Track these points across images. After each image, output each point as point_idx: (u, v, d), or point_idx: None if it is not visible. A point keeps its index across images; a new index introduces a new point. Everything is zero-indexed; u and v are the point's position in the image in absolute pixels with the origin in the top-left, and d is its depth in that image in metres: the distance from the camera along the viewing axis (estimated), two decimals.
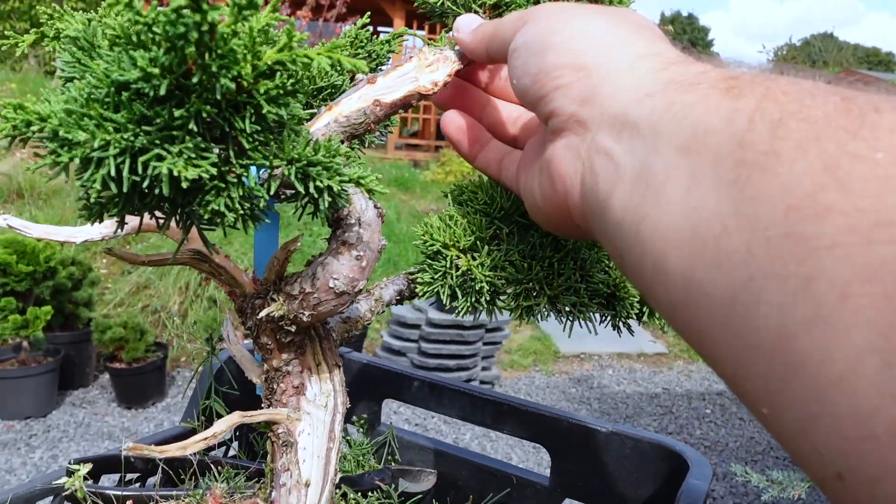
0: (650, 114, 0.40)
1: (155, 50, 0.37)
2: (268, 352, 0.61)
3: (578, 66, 0.46)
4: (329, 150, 0.46)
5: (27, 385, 3.75)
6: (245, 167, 0.43)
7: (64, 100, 0.40)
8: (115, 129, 0.39)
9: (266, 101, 0.41)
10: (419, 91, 0.60)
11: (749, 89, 0.35)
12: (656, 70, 0.42)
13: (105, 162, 0.39)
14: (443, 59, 0.61)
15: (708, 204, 0.34)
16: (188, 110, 0.39)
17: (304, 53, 0.41)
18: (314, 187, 0.45)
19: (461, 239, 0.67)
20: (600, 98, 0.44)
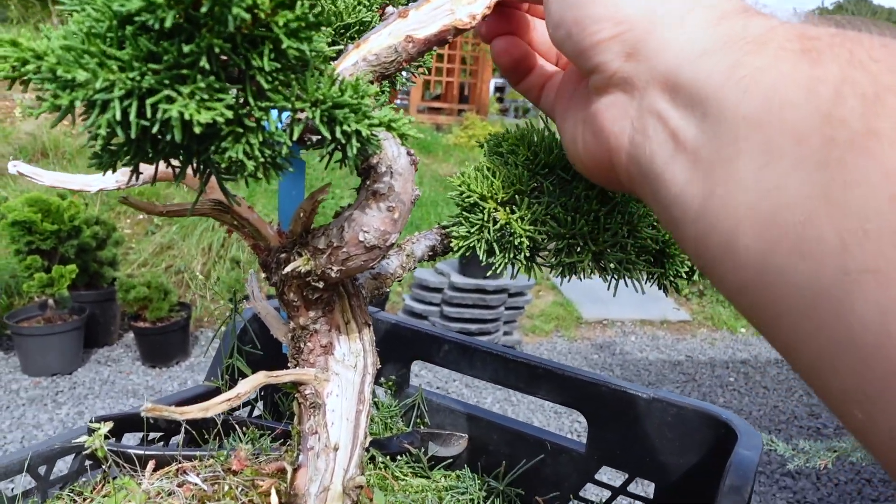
0: (709, 76, 0.35)
1: None
2: (294, 309, 0.57)
3: (620, 19, 0.41)
4: (357, 91, 0.42)
5: (53, 342, 3.79)
6: (264, 110, 0.39)
7: (62, 35, 0.36)
8: (120, 68, 0.35)
9: (286, 34, 0.37)
10: (455, 25, 0.55)
11: (829, 53, 0.31)
12: (712, 23, 0.37)
13: (110, 105, 0.35)
14: None
15: (790, 186, 0.30)
16: (199, 45, 0.35)
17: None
18: (341, 132, 0.41)
19: (500, 191, 0.63)
20: (647, 53, 0.40)
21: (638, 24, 0.40)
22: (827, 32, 0.32)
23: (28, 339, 3.77)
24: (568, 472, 0.77)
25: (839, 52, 0.30)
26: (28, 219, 3.79)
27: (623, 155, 0.43)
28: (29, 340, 3.77)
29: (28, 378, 3.74)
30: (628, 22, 0.40)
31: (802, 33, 0.33)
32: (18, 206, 3.83)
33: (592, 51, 0.43)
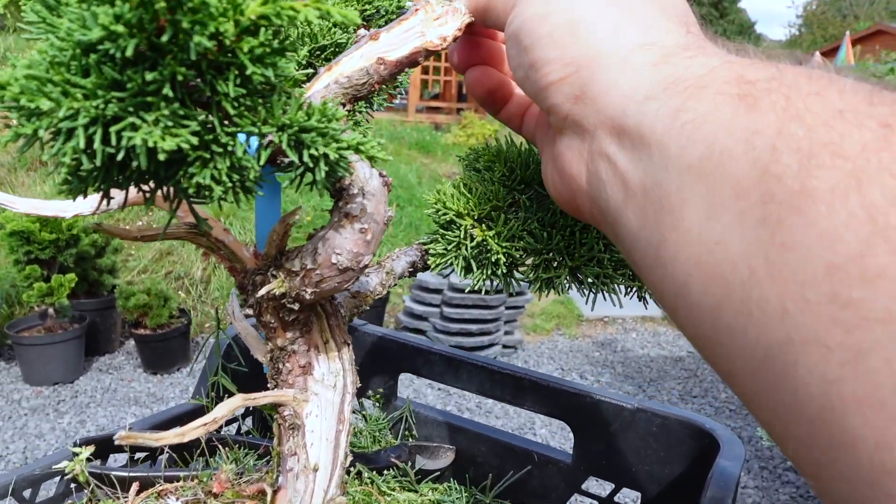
0: (653, 121, 0.35)
1: (120, 5, 0.33)
2: (272, 330, 0.57)
3: (568, 61, 0.41)
4: (325, 114, 0.42)
5: (54, 351, 3.80)
6: (231, 135, 0.39)
7: (26, 64, 0.36)
8: (84, 96, 0.35)
9: (251, 60, 0.37)
10: (426, 47, 0.55)
11: (766, 99, 0.31)
12: (654, 64, 0.37)
13: (74, 133, 0.35)
14: (452, 11, 0.56)
15: (732, 241, 0.30)
16: (162, 73, 0.35)
17: (289, 6, 0.37)
18: (308, 156, 0.41)
19: (476, 208, 0.63)
20: (594, 96, 0.40)
21: (584, 66, 0.40)
22: (765, 76, 0.32)
23: (29, 348, 3.78)
24: (555, 483, 0.77)
25: (776, 98, 0.30)
26: (26, 229, 3.79)
27: (584, 196, 0.44)
28: (30, 350, 3.78)
29: (30, 388, 3.74)
30: (575, 63, 0.41)
31: (741, 76, 0.33)
32: (17, 216, 3.83)
33: (546, 93, 0.43)
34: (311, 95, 0.53)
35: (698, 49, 0.37)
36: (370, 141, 0.43)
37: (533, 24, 0.43)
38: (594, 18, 0.41)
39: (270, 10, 0.37)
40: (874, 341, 0.24)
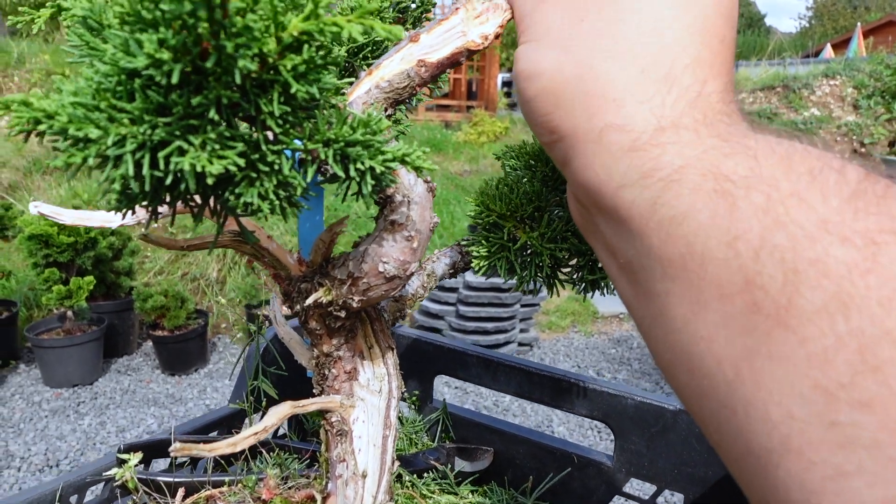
0: (630, 208, 0.35)
1: (164, 31, 0.33)
2: (317, 337, 0.57)
3: (551, 128, 0.41)
4: (369, 127, 0.41)
5: (73, 353, 3.82)
6: (277, 153, 0.38)
7: (72, 91, 0.36)
8: (131, 121, 0.35)
9: (294, 77, 0.37)
10: (468, 47, 0.54)
11: (745, 199, 0.30)
12: (626, 149, 0.36)
13: (122, 159, 0.35)
14: (493, 7, 0.55)
15: (717, 340, 0.30)
16: (207, 97, 0.35)
17: (332, 21, 0.36)
18: (355, 170, 0.41)
19: (519, 209, 0.62)
20: (575, 168, 0.40)
21: (564, 137, 0.40)
22: (743, 171, 0.31)
23: (48, 351, 3.80)
24: (596, 485, 0.77)
25: (755, 198, 0.30)
26: (45, 232, 3.82)
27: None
28: (49, 352, 3.80)
29: (49, 390, 3.77)
30: (557, 133, 0.40)
31: (717, 170, 0.32)
32: (35, 219, 3.86)
33: (544, 147, 0.44)
34: (353, 101, 0.52)
35: (671, 130, 0.35)
36: (415, 151, 0.43)
37: (523, 81, 0.42)
38: (570, 88, 0.39)
39: (313, 26, 0.36)
40: (858, 465, 0.24)
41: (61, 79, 0.40)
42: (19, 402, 3.63)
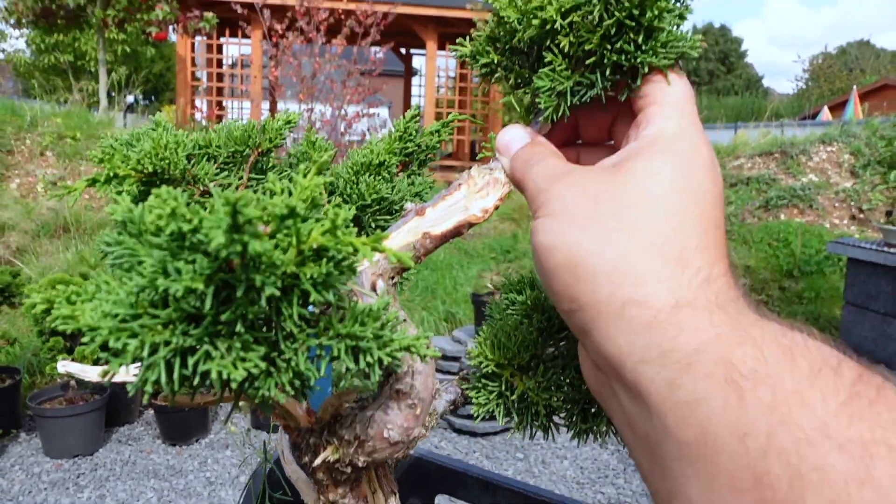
0: (649, 386, 0.39)
1: (200, 259, 0.37)
2: (324, 487, 0.60)
3: (571, 297, 0.44)
4: (377, 319, 0.45)
5: (75, 423, 3.81)
6: (294, 351, 0.42)
7: (113, 301, 0.40)
8: (164, 326, 0.39)
9: (313, 286, 0.40)
10: (469, 220, 0.59)
11: (753, 394, 0.34)
12: (647, 325, 0.40)
13: (155, 363, 0.39)
14: (493, 182, 0.60)
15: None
16: (234, 312, 0.38)
17: (348, 241, 0.40)
18: (365, 362, 0.44)
19: (516, 357, 0.66)
20: (595, 340, 0.43)
21: (586, 308, 0.43)
22: (750, 365, 0.35)
23: (50, 420, 3.79)
24: None
25: (762, 394, 0.34)
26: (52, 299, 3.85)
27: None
28: (51, 422, 3.80)
29: (50, 461, 3.75)
30: (577, 303, 0.43)
31: (728, 360, 0.36)
32: (41, 288, 3.90)
33: (560, 313, 0.46)
34: (363, 271, 0.56)
35: (687, 309, 0.39)
36: (422, 340, 0.47)
37: (542, 253, 0.46)
38: (592, 262, 0.42)
39: (331, 242, 0.40)
40: None
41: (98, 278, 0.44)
42: (19, 473, 3.61)
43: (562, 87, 0.52)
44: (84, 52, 12.39)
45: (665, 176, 0.45)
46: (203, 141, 0.65)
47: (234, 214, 0.35)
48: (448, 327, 5.60)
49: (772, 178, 8.57)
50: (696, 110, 0.50)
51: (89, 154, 2.31)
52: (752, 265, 7.04)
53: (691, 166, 0.46)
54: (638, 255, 0.42)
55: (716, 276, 0.42)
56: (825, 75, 34.20)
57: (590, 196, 0.46)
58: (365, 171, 0.68)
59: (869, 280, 4.59)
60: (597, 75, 0.51)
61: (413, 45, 16.38)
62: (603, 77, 0.51)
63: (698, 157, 0.46)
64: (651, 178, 0.45)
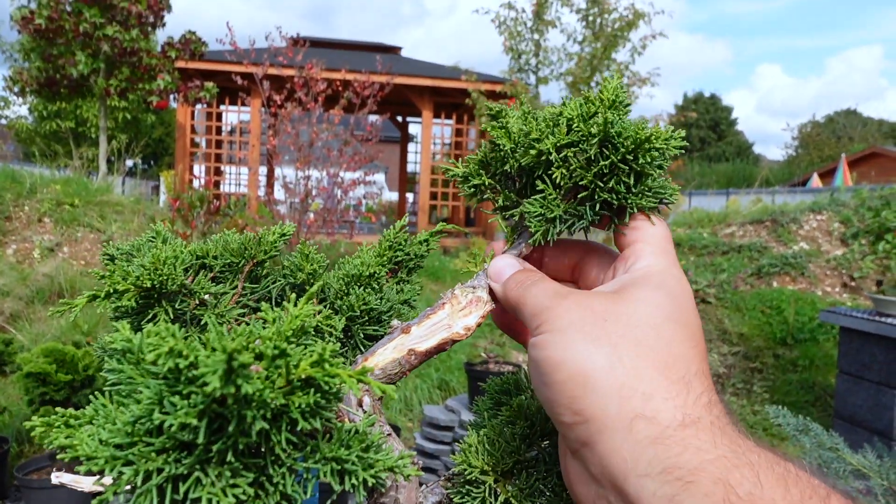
0: (651, 498, 0.41)
1: (195, 395, 0.39)
2: None
3: (576, 410, 0.46)
4: (362, 441, 0.47)
5: (61, 495, 3.75)
6: (282, 475, 0.44)
7: (109, 429, 0.42)
8: (157, 453, 0.41)
9: (301, 414, 0.43)
10: (453, 338, 0.61)
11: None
12: (652, 440, 0.42)
13: (148, 490, 0.41)
14: (475, 300, 0.63)
15: None
16: (225, 443, 0.41)
17: (335, 372, 0.42)
18: (350, 483, 0.46)
19: (499, 463, 0.67)
20: (599, 452, 0.45)
21: (592, 420, 0.45)
22: (746, 488, 0.38)
23: (38, 492, 3.73)
24: None
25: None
26: (43, 370, 3.84)
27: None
28: (38, 493, 3.74)
29: None
30: (583, 415, 0.45)
31: (727, 482, 0.39)
32: (34, 357, 3.89)
33: (557, 422, 0.49)
34: (349, 391, 0.59)
35: (693, 427, 0.42)
36: (405, 459, 0.49)
37: (549, 366, 0.48)
38: (602, 377, 0.45)
39: (318, 373, 0.43)
40: None
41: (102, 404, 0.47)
42: None
43: (552, 214, 0.57)
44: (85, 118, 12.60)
45: (664, 307, 0.49)
46: (200, 252, 0.69)
47: (230, 360, 0.38)
48: (441, 395, 5.57)
49: (763, 246, 8.66)
50: (674, 249, 0.56)
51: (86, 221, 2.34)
52: (745, 332, 7.06)
53: (681, 301, 0.50)
54: (647, 373, 0.45)
55: (716, 401, 0.45)
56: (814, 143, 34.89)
57: (598, 316, 0.49)
58: (355, 282, 0.71)
59: (862, 349, 4.61)
60: (586, 208, 0.56)
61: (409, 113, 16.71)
62: (592, 211, 0.56)
63: (685, 293, 0.51)
64: (653, 307, 0.49)
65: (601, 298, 0.51)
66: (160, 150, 27.04)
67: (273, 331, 0.44)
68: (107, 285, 0.61)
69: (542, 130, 0.59)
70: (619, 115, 0.58)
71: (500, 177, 0.64)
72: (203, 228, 7.15)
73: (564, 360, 0.47)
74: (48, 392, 3.88)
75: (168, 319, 0.61)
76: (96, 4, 10.50)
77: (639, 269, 0.53)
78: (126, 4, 10.61)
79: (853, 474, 2.23)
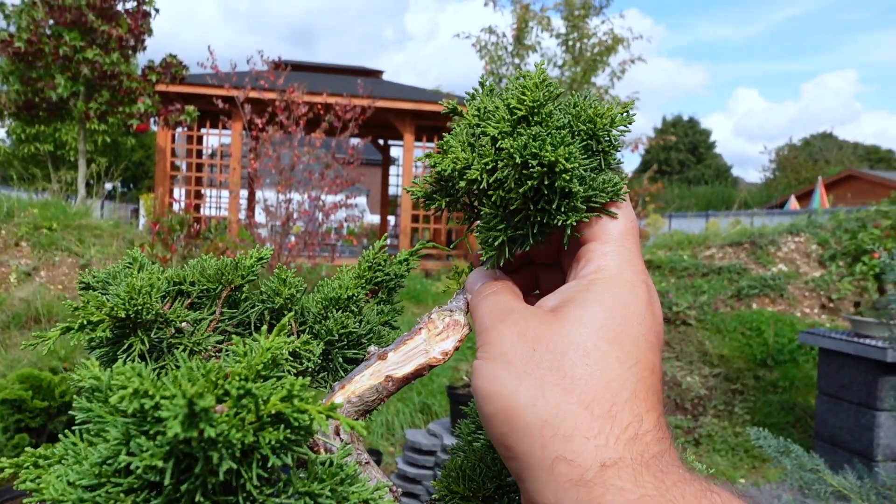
0: None
1: (161, 437, 0.39)
2: None
3: (506, 446, 0.46)
4: (335, 475, 0.47)
5: None
6: None
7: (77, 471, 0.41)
8: (125, 493, 0.41)
9: (271, 450, 0.42)
10: (430, 363, 0.61)
11: None
12: (574, 482, 0.42)
13: None
14: (452, 324, 0.62)
15: None
16: (193, 483, 0.40)
17: (305, 408, 0.42)
18: None
19: (480, 489, 0.67)
20: (527, 490, 0.45)
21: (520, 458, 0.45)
22: None
23: None
24: None
25: None
26: (19, 397, 3.77)
27: None
28: None
29: None
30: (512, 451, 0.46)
31: None
32: (9, 384, 3.83)
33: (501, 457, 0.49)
34: None
35: (614, 468, 0.42)
36: (382, 490, 0.48)
37: (480, 397, 0.48)
38: (526, 415, 0.45)
39: (288, 409, 0.42)
40: None
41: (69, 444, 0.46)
42: None
43: (497, 241, 0.56)
44: (64, 142, 12.52)
45: (600, 325, 0.47)
46: (177, 278, 0.68)
47: (190, 405, 0.37)
48: (424, 419, 5.54)
49: (743, 268, 8.74)
50: (637, 244, 0.53)
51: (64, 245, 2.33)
52: (726, 354, 7.09)
53: (627, 311, 0.48)
54: (568, 410, 0.44)
55: (643, 433, 0.44)
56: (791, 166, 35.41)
57: (528, 343, 0.48)
58: (334, 306, 0.70)
59: (841, 370, 4.64)
60: (528, 228, 0.54)
61: (391, 136, 16.77)
62: (532, 233, 0.54)
63: (635, 301, 0.49)
64: (586, 328, 0.47)
65: (536, 322, 0.49)
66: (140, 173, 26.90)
67: (244, 365, 0.44)
68: (81, 316, 0.60)
69: (468, 158, 0.57)
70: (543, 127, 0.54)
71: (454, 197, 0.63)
72: (183, 252, 7.09)
73: (492, 393, 0.47)
74: (23, 419, 3.81)
75: (144, 349, 0.60)
76: (76, 28, 10.47)
77: (585, 275, 0.51)
78: (106, 28, 10.60)
79: (834, 496, 2.24)
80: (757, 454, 5.29)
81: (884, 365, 4.27)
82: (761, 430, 2.40)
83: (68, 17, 10.34)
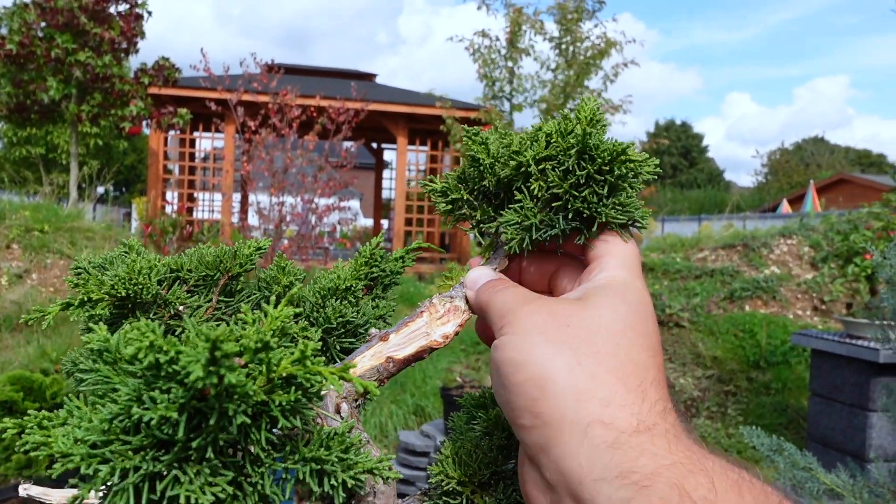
0: (606, 502, 0.41)
1: (175, 389, 0.39)
2: None
3: (535, 413, 0.46)
4: (342, 442, 0.47)
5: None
6: (261, 475, 0.44)
7: (85, 427, 0.41)
8: (135, 451, 0.41)
9: (281, 412, 0.42)
10: (430, 346, 0.61)
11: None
12: (609, 445, 0.42)
13: (124, 489, 0.40)
14: (453, 309, 0.63)
15: None
16: (205, 439, 0.40)
17: (317, 370, 0.42)
18: (329, 485, 0.46)
19: (476, 474, 0.67)
20: (555, 457, 0.45)
21: (549, 424, 0.45)
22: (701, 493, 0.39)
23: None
24: None
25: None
26: (9, 398, 3.76)
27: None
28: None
29: None
30: (542, 418, 0.45)
31: (682, 486, 0.39)
32: (0, 385, 3.81)
33: (515, 427, 0.49)
34: (327, 396, 0.59)
35: (648, 434, 0.43)
36: (385, 462, 0.49)
37: (509, 367, 0.49)
38: (561, 380, 0.46)
39: (300, 371, 0.42)
40: None
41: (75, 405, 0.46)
42: None
43: (528, 222, 0.58)
44: (56, 144, 12.48)
45: (625, 315, 0.50)
46: (175, 265, 0.68)
47: (213, 349, 0.37)
48: (417, 421, 5.53)
49: (735, 270, 8.77)
50: (640, 267, 0.57)
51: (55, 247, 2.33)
52: (719, 356, 7.11)
53: (642, 311, 0.51)
54: (605, 379, 0.45)
55: (670, 409, 0.46)
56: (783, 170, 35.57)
57: (560, 320, 0.50)
58: (331, 295, 0.71)
59: (833, 371, 4.66)
60: (559, 217, 0.57)
61: (384, 139, 16.79)
62: (565, 220, 0.57)
63: (645, 305, 0.52)
64: (614, 315, 0.50)
65: (565, 304, 0.52)
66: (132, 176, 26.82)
67: (253, 331, 0.44)
68: (81, 293, 0.60)
69: (523, 143, 0.60)
70: (596, 131, 0.59)
71: (477, 193, 0.65)
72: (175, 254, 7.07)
73: (525, 362, 0.48)
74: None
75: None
76: (69, 30, 10.45)
77: (602, 279, 0.54)
78: (99, 30, 10.57)
79: (827, 494, 2.25)
80: (750, 455, 5.30)
81: (876, 366, 4.29)
82: (754, 429, 2.41)
83: (60, 20, 10.32)
